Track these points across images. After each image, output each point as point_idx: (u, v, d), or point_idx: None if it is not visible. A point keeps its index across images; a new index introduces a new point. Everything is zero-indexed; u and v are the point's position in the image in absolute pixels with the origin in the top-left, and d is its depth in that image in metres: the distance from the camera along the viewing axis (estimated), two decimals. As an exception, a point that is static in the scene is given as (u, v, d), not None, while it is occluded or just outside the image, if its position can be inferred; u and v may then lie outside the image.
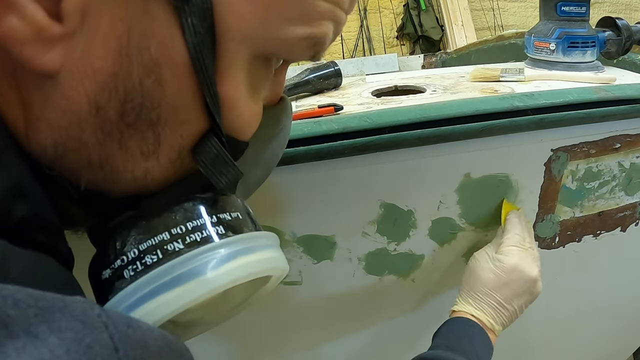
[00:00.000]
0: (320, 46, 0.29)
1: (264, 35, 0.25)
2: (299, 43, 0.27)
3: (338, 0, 0.28)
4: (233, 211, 0.27)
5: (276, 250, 0.29)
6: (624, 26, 0.78)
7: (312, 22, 0.27)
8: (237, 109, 0.26)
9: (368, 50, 3.33)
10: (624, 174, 0.68)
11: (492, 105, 0.56)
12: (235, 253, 0.25)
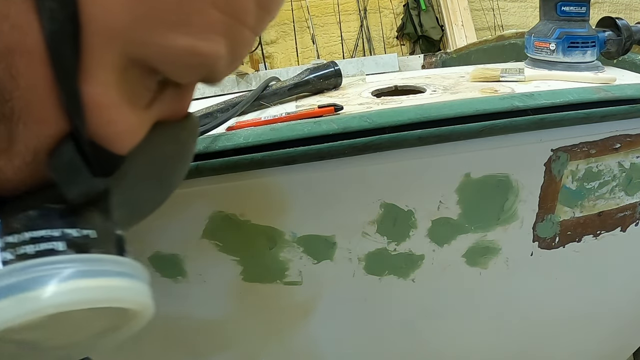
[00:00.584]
0: (209, 66, 0.25)
1: (137, 37, 0.22)
2: (179, 56, 0.24)
3: (238, 12, 0.24)
4: (86, 228, 0.24)
5: (130, 281, 0.25)
6: (624, 26, 0.78)
7: (198, 33, 0.23)
8: (107, 116, 0.24)
9: (368, 50, 3.33)
10: (624, 174, 0.68)
11: (492, 105, 0.56)
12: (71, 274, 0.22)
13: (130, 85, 0.25)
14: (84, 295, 0.22)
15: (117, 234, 0.27)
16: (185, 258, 0.64)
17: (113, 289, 0.24)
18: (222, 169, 0.54)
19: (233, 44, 0.25)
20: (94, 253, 0.24)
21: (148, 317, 0.27)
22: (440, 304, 0.75)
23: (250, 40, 0.27)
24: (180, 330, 0.73)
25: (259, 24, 0.27)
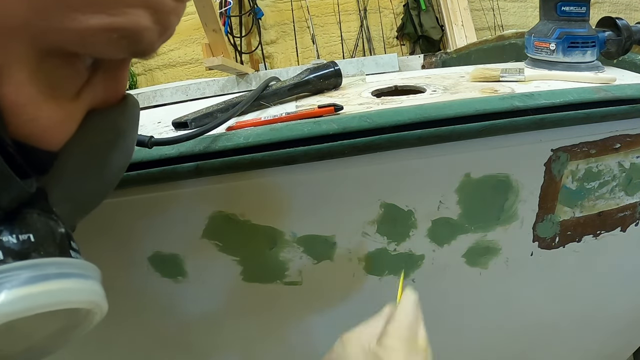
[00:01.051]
0: (134, 40, 0.24)
1: (43, 26, 0.21)
2: (96, 36, 0.22)
3: None
4: (23, 232, 0.23)
5: (75, 281, 0.24)
6: (624, 26, 0.78)
7: (111, 9, 0.22)
8: (27, 114, 0.23)
9: (368, 50, 3.33)
10: (624, 174, 0.68)
11: (492, 105, 0.56)
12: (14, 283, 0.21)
13: (49, 77, 0.23)
14: (27, 303, 0.22)
15: (60, 232, 0.26)
16: (185, 258, 0.64)
17: (55, 293, 0.23)
18: (222, 169, 0.54)
19: (156, 13, 0.24)
20: (34, 258, 0.23)
21: (102, 312, 0.27)
22: (440, 304, 0.75)
23: (176, 7, 0.25)
24: (180, 330, 0.73)
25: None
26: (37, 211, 0.25)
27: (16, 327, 0.22)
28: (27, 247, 0.23)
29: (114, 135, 0.29)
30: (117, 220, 0.60)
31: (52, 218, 0.25)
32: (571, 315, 0.84)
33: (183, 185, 0.56)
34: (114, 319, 0.71)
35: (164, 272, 0.65)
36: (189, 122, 0.63)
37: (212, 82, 1.87)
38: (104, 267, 0.68)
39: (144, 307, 0.69)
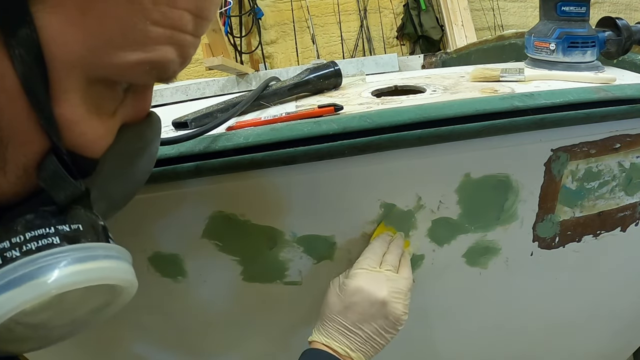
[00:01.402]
0: (162, 70, 0.30)
1: (94, 62, 0.27)
2: (134, 68, 0.28)
3: (177, 24, 0.29)
4: (74, 223, 0.29)
5: (115, 261, 0.30)
6: (624, 26, 0.78)
7: (145, 47, 0.28)
8: (78, 129, 0.28)
9: (368, 50, 3.33)
10: (624, 174, 0.68)
11: (492, 105, 0.56)
12: (68, 261, 0.27)
13: (95, 99, 0.29)
14: (79, 277, 0.27)
15: (101, 224, 0.32)
16: (185, 258, 0.64)
17: (103, 270, 0.29)
18: (222, 169, 0.54)
19: (179, 48, 0.30)
20: (83, 242, 0.29)
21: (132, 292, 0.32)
22: (440, 304, 0.75)
23: (194, 42, 0.31)
24: (180, 330, 0.73)
25: (198, 29, 0.31)
26: (83, 207, 0.31)
27: (65, 300, 0.28)
28: (78, 234, 0.29)
29: (142, 144, 0.36)
30: (117, 220, 0.60)
31: (94, 213, 0.31)
32: (571, 315, 0.84)
33: (183, 185, 0.56)
34: (114, 319, 0.71)
35: (164, 272, 0.65)
36: (189, 122, 0.63)
37: (212, 82, 1.87)
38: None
39: (143, 307, 0.69)
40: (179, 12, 0.29)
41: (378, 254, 0.59)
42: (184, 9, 0.29)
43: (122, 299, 0.33)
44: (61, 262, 0.27)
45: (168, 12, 0.28)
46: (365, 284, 0.55)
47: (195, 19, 0.30)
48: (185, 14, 0.29)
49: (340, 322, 0.55)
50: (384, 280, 0.56)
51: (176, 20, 0.29)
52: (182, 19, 0.29)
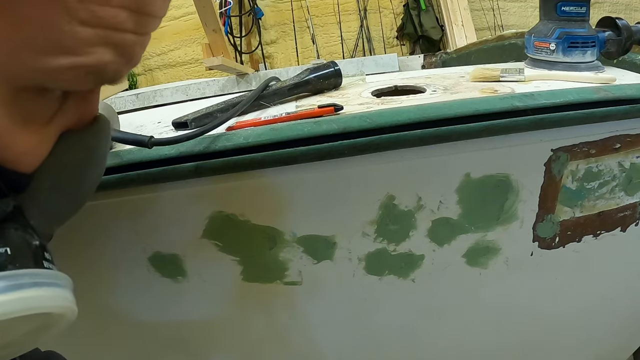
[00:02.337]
0: (100, 74, 0.27)
1: (16, 69, 0.24)
2: (64, 73, 0.25)
3: (111, 23, 0.26)
4: (0, 246, 0.26)
5: (44, 289, 0.27)
6: (624, 26, 0.78)
7: (75, 50, 0.25)
8: (3, 142, 0.26)
9: (368, 50, 3.33)
10: (624, 174, 0.68)
11: (492, 105, 0.56)
12: None
13: (24, 108, 0.26)
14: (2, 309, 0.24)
15: (34, 245, 0.28)
16: (185, 258, 0.64)
17: (29, 300, 0.26)
18: (222, 169, 0.54)
19: (117, 48, 0.27)
20: (9, 270, 0.26)
21: (72, 315, 0.30)
22: (440, 304, 0.75)
23: (138, 40, 0.28)
24: (180, 330, 0.73)
25: (141, 26, 0.28)
26: (15, 226, 0.27)
27: None
28: (5, 259, 0.26)
29: (85, 153, 0.32)
30: (117, 220, 0.60)
31: (27, 232, 0.28)
32: (571, 315, 0.84)
33: (183, 185, 0.56)
34: (114, 319, 0.71)
35: (164, 272, 0.65)
36: (189, 122, 0.63)
37: (212, 82, 1.87)
38: (104, 267, 0.69)
39: (144, 307, 0.69)
40: (112, 10, 0.26)
41: None
42: (119, 6, 0.26)
43: (61, 323, 0.30)
44: None
45: (99, 10, 0.25)
46: None
47: (136, 15, 0.27)
48: (121, 11, 0.26)
49: None
50: None
51: (109, 19, 0.26)
52: (117, 16, 0.26)
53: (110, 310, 0.69)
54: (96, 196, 0.57)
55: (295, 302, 0.70)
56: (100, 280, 0.66)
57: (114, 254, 0.64)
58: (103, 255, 0.64)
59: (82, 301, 0.33)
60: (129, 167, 0.54)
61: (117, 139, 0.54)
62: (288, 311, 0.71)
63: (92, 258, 0.64)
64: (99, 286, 0.67)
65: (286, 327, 0.74)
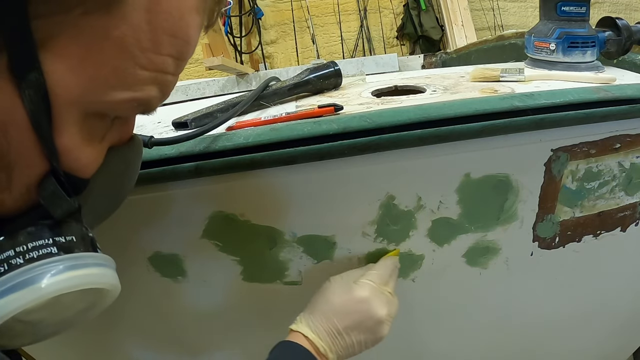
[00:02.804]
0: (146, 105, 0.35)
1: (91, 100, 0.31)
2: (123, 104, 0.33)
3: (161, 68, 0.33)
4: (68, 235, 0.34)
5: (102, 268, 0.36)
6: (624, 26, 0.78)
7: (134, 87, 0.32)
8: (73, 155, 0.33)
9: (368, 50, 3.33)
10: (624, 174, 0.68)
11: (492, 105, 0.56)
12: (63, 268, 0.32)
13: (89, 129, 0.34)
14: (72, 282, 0.33)
15: (90, 236, 0.37)
16: (185, 258, 0.64)
17: (92, 276, 0.34)
18: (222, 169, 0.54)
19: (162, 86, 0.34)
20: (76, 252, 0.34)
21: (115, 294, 0.38)
22: (440, 304, 0.75)
23: (174, 80, 0.35)
24: (180, 330, 0.73)
25: (178, 69, 0.35)
26: (75, 220, 0.36)
27: (59, 302, 0.32)
28: (72, 244, 0.34)
29: (125, 165, 0.41)
30: (117, 220, 0.60)
31: (84, 226, 0.36)
32: (571, 315, 0.84)
33: (183, 185, 0.56)
34: (114, 319, 0.71)
35: (164, 272, 0.65)
36: (189, 122, 0.63)
37: (212, 82, 1.87)
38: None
39: (144, 307, 0.69)
40: (163, 58, 0.33)
41: (387, 274, 0.62)
42: (168, 55, 0.33)
43: (106, 301, 0.38)
44: (57, 269, 0.32)
45: (154, 58, 0.32)
46: (372, 298, 0.57)
47: (176, 62, 0.34)
48: (168, 59, 0.33)
49: (334, 323, 0.56)
50: (386, 302, 0.59)
51: (160, 64, 0.33)
52: (165, 62, 0.33)
53: (109, 310, 0.69)
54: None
55: (295, 302, 0.70)
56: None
57: (114, 254, 0.64)
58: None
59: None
60: (129, 167, 0.54)
61: (117, 139, 0.54)
62: (288, 311, 0.71)
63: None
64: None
65: (286, 327, 0.74)
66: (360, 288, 0.58)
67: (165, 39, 0.32)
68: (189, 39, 0.35)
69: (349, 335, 0.56)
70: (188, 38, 0.34)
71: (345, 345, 0.56)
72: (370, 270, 0.61)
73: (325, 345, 0.55)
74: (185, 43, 0.34)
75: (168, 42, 0.32)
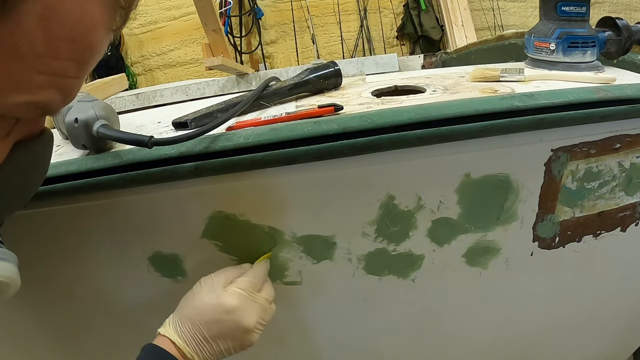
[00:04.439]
0: (46, 108, 0.35)
1: None
2: (20, 107, 0.33)
3: (59, 72, 0.33)
4: None
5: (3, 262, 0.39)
6: (624, 26, 0.78)
7: (30, 91, 0.33)
8: None
9: (368, 50, 3.33)
10: (624, 174, 0.68)
11: (492, 105, 0.56)
12: None
13: None
14: None
15: None
16: (185, 258, 0.64)
17: None
18: (222, 169, 0.54)
19: (62, 90, 0.34)
20: None
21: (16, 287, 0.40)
22: (440, 304, 0.75)
23: (77, 82, 0.36)
24: None
25: (81, 73, 0.35)
26: None
27: None
28: None
29: (33, 158, 0.41)
30: (118, 220, 0.60)
31: None
32: (571, 315, 0.84)
33: (183, 185, 0.56)
34: (114, 319, 0.71)
35: (164, 272, 0.65)
36: (189, 122, 0.63)
37: (212, 82, 1.87)
38: (104, 267, 0.69)
39: (144, 307, 0.69)
40: (61, 62, 0.33)
41: (260, 280, 0.61)
42: (67, 59, 0.33)
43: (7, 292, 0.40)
44: None
45: (51, 62, 0.32)
46: (241, 308, 0.57)
47: (78, 65, 0.34)
48: (68, 63, 0.33)
49: (201, 331, 0.55)
50: (258, 310, 0.58)
51: (58, 69, 0.33)
52: (64, 67, 0.33)
53: (110, 310, 0.69)
54: (96, 196, 0.57)
55: (295, 302, 0.70)
56: (100, 280, 0.66)
57: (114, 254, 0.64)
58: (103, 255, 0.64)
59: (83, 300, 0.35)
60: (129, 167, 0.54)
61: (117, 139, 0.54)
62: (288, 311, 0.71)
63: (92, 258, 0.64)
64: (99, 286, 0.67)
65: (286, 327, 0.74)
66: (229, 297, 0.57)
67: (63, 44, 0.32)
68: (90, 44, 0.34)
69: (216, 342, 0.56)
70: (89, 43, 0.34)
71: (212, 352, 0.56)
72: (243, 277, 0.59)
73: (192, 351, 0.55)
74: (87, 48, 0.34)
75: (66, 48, 0.32)
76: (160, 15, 3.20)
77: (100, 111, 0.55)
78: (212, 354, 0.56)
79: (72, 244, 0.63)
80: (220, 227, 0.61)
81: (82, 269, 0.65)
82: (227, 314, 0.56)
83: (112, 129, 0.54)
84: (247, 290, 0.58)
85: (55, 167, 0.55)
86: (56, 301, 0.69)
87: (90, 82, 1.75)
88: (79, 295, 0.68)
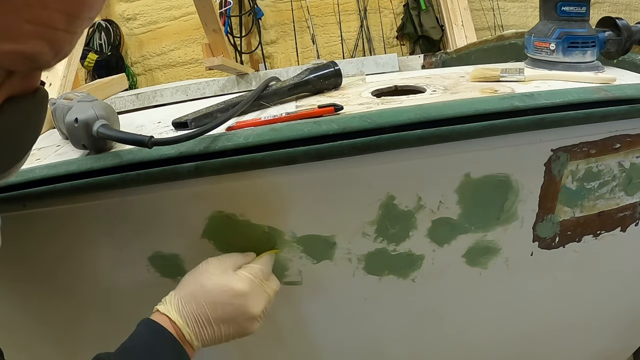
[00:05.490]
0: (35, 60, 0.34)
1: None
2: (7, 56, 0.32)
3: (47, 23, 0.33)
4: None
5: None
6: (624, 26, 0.78)
7: (18, 40, 0.32)
8: None
9: (368, 50, 3.33)
10: (624, 174, 0.68)
11: (492, 105, 0.56)
12: None
13: None
14: None
15: None
16: (185, 258, 0.64)
17: None
18: (222, 169, 0.54)
19: (50, 42, 0.34)
20: None
21: None
22: (440, 304, 0.75)
23: (68, 37, 0.35)
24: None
25: (71, 26, 0.34)
26: None
27: None
28: None
29: (25, 117, 0.39)
30: (117, 220, 0.60)
31: None
32: (571, 315, 0.84)
33: (183, 185, 0.56)
34: (114, 319, 0.71)
35: (164, 272, 0.65)
36: (189, 122, 0.63)
37: (212, 82, 1.87)
38: (104, 267, 0.69)
39: (143, 307, 0.69)
40: (49, 12, 0.32)
41: (268, 271, 0.60)
42: (56, 10, 0.32)
43: None
44: None
45: (39, 12, 0.32)
46: (251, 294, 0.55)
47: (68, 18, 0.33)
48: (57, 14, 0.33)
49: (205, 311, 0.54)
50: (265, 299, 0.57)
51: (46, 19, 0.32)
52: (52, 17, 0.32)
53: (110, 310, 0.69)
54: (96, 196, 0.57)
55: (295, 302, 0.70)
56: (100, 280, 0.66)
57: (114, 254, 0.64)
58: (103, 255, 0.64)
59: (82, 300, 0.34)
60: (129, 167, 0.54)
61: (117, 138, 0.54)
62: (288, 311, 0.71)
63: (93, 258, 0.64)
64: (99, 286, 0.67)
65: (286, 327, 0.74)
66: (240, 280, 0.55)
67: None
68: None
69: (218, 326, 0.54)
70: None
71: (211, 335, 0.54)
72: (253, 264, 0.58)
73: (191, 332, 0.53)
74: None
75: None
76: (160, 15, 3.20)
77: (100, 111, 0.55)
78: (211, 337, 0.55)
79: (72, 243, 0.63)
80: (220, 227, 0.61)
81: (82, 269, 0.65)
82: (236, 298, 0.54)
83: (112, 129, 0.54)
84: (259, 277, 0.57)
85: (55, 167, 0.55)
86: (56, 300, 0.69)
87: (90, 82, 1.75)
88: (78, 294, 0.68)
